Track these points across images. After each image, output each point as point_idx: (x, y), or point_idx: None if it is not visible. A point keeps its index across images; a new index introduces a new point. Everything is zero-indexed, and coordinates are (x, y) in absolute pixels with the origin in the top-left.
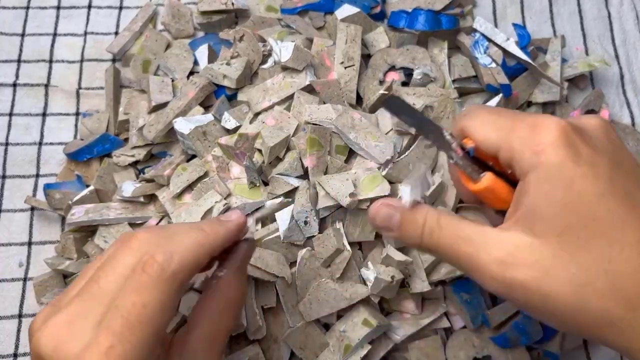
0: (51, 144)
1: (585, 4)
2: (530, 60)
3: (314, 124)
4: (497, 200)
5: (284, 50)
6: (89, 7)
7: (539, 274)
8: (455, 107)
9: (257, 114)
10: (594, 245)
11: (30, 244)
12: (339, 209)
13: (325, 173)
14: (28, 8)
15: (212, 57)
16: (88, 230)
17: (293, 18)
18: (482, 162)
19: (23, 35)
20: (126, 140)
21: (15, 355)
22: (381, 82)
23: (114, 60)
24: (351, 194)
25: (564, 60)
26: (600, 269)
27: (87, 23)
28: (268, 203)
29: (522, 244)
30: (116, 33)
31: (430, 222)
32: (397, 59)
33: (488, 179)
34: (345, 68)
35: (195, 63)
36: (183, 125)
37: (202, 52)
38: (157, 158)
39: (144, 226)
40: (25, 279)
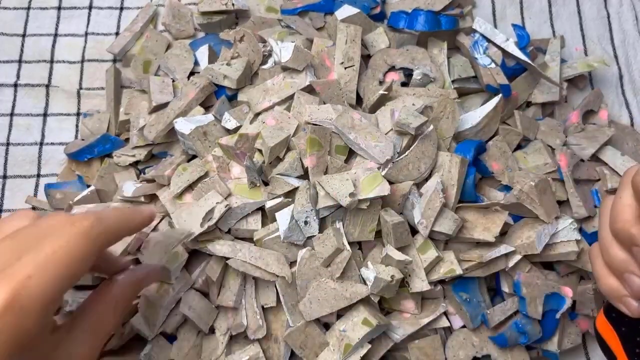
0: (52, 144)
1: (585, 5)
2: (529, 61)
3: (314, 124)
4: None
5: (284, 50)
6: (90, 8)
7: None
8: (454, 107)
9: (258, 114)
10: None
11: None
12: (338, 209)
13: (325, 173)
14: (29, 9)
15: (213, 58)
16: None
17: (293, 18)
18: None
19: (24, 35)
20: (127, 140)
21: None
22: (381, 83)
23: (114, 60)
24: (351, 194)
25: (563, 61)
26: None
27: (88, 23)
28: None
29: None
30: (117, 33)
31: None
32: (397, 60)
33: None
34: (345, 68)
35: (196, 63)
36: (183, 126)
37: (203, 53)
38: (158, 158)
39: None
40: None
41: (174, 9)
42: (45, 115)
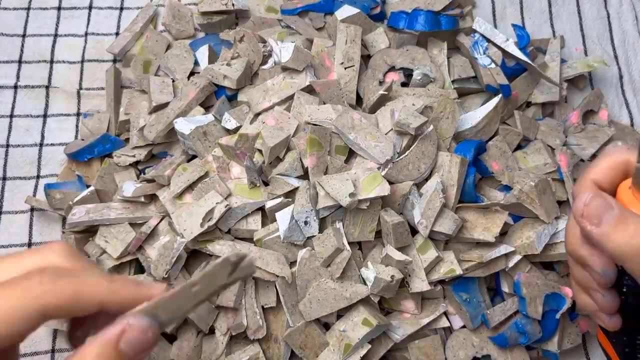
0: (52, 144)
1: (585, 5)
2: (529, 61)
3: (314, 124)
4: None
5: (284, 50)
6: (90, 8)
7: None
8: (454, 108)
9: (258, 114)
10: None
11: (30, 245)
12: (338, 209)
13: (325, 173)
14: (29, 9)
15: (213, 58)
16: (89, 231)
17: (293, 19)
18: None
19: (24, 36)
20: (127, 140)
21: None
22: (381, 83)
23: (114, 60)
24: (351, 194)
25: (563, 61)
26: None
27: (88, 24)
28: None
29: None
30: (117, 34)
31: None
32: (397, 60)
33: None
34: (345, 68)
35: (196, 63)
36: (184, 126)
37: (203, 53)
38: (158, 158)
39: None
40: None
41: (174, 9)
42: (45, 116)
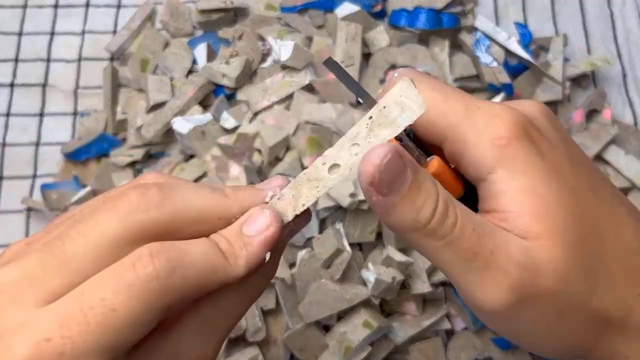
0: (49, 144)
1: (587, 3)
2: (532, 59)
3: (313, 124)
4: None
5: (283, 49)
6: (87, 6)
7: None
8: None
9: (257, 114)
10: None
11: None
12: (339, 210)
13: None
14: (25, 7)
15: (211, 56)
16: None
17: (293, 16)
18: (422, 144)
19: (20, 34)
20: (124, 140)
21: None
22: (382, 82)
23: (112, 59)
24: (351, 195)
25: (566, 59)
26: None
27: (85, 22)
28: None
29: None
30: (114, 32)
31: (444, 191)
32: (398, 58)
33: (436, 163)
34: (345, 67)
35: (194, 62)
36: (182, 125)
37: (201, 51)
38: (155, 158)
39: (141, 177)
40: None
41: (172, 7)
42: (41, 115)
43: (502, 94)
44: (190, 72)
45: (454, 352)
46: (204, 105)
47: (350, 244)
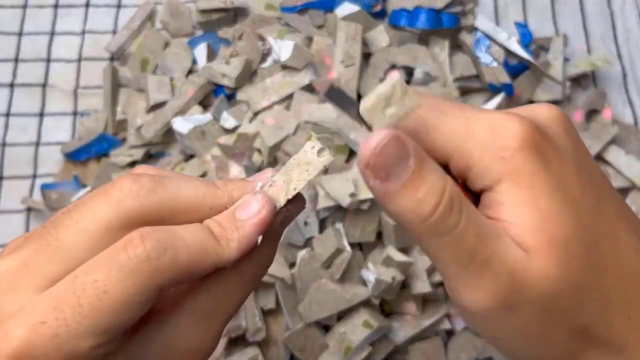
0: (49, 144)
1: (588, 3)
2: (532, 59)
3: (313, 124)
4: None
5: (283, 49)
6: (87, 6)
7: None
8: None
9: (257, 114)
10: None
11: None
12: (339, 210)
13: (325, 173)
14: (25, 7)
15: (211, 56)
16: None
17: (293, 16)
18: None
19: (20, 34)
20: (124, 140)
21: None
22: (382, 81)
23: (112, 59)
24: (351, 195)
25: (566, 59)
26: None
27: (85, 22)
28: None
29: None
30: (114, 32)
31: (453, 188)
32: (398, 58)
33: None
34: (345, 67)
35: (194, 62)
36: (182, 125)
37: (201, 51)
38: (155, 158)
39: (134, 169)
40: None
41: (172, 7)
42: (41, 115)
43: (502, 94)
44: (190, 72)
45: (454, 352)
46: (204, 105)
47: (350, 244)
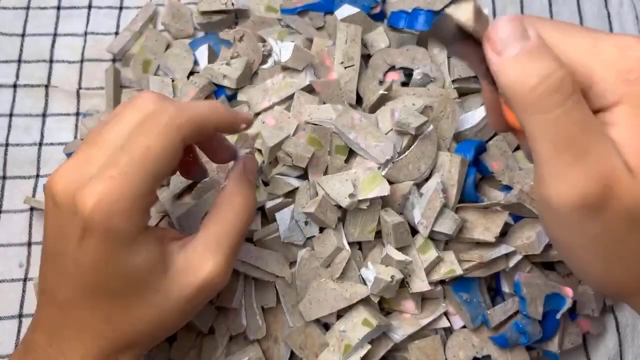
0: (51, 144)
1: (585, 4)
2: None
3: (314, 124)
4: None
5: (284, 50)
6: (89, 7)
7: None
8: (455, 108)
9: (257, 114)
10: None
11: (30, 244)
12: (338, 209)
13: (325, 173)
14: (28, 8)
15: (212, 58)
16: None
17: (293, 18)
18: None
19: (23, 35)
20: None
21: None
22: (381, 82)
23: (114, 60)
24: (350, 195)
25: None
26: None
27: (88, 23)
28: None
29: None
30: (116, 33)
31: (566, 73)
32: (397, 59)
33: None
34: (345, 68)
35: (195, 63)
36: None
37: (202, 52)
38: None
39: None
40: (25, 280)
41: (174, 9)
42: (44, 115)
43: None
44: (191, 73)
45: (453, 350)
46: None
47: (349, 243)
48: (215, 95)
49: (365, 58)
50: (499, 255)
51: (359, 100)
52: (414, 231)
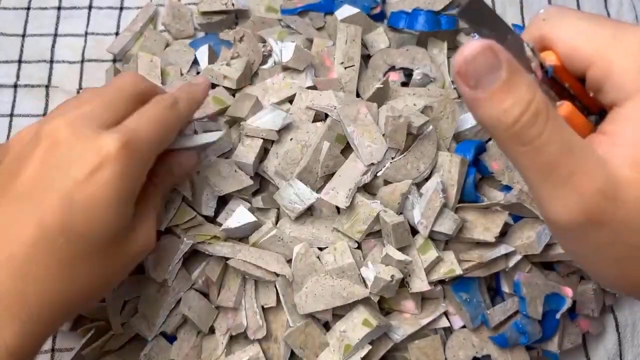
0: None
1: (585, 5)
2: None
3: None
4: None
5: (284, 50)
6: (90, 8)
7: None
8: (454, 108)
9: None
10: None
11: None
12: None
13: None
14: (29, 9)
15: (213, 58)
16: None
17: (293, 18)
18: (559, 85)
19: (24, 36)
20: None
21: None
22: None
23: (114, 60)
24: (349, 196)
25: None
26: None
27: (88, 23)
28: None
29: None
30: (117, 33)
31: (540, 101)
32: (397, 60)
33: (566, 108)
34: (345, 68)
35: (196, 64)
36: None
37: (203, 53)
38: None
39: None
40: None
41: (174, 9)
42: (45, 115)
43: None
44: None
45: (453, 350)
46: None
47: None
48: None
49: (365, 58)
50: (499, 255)
51: None
52: (414, 231)
